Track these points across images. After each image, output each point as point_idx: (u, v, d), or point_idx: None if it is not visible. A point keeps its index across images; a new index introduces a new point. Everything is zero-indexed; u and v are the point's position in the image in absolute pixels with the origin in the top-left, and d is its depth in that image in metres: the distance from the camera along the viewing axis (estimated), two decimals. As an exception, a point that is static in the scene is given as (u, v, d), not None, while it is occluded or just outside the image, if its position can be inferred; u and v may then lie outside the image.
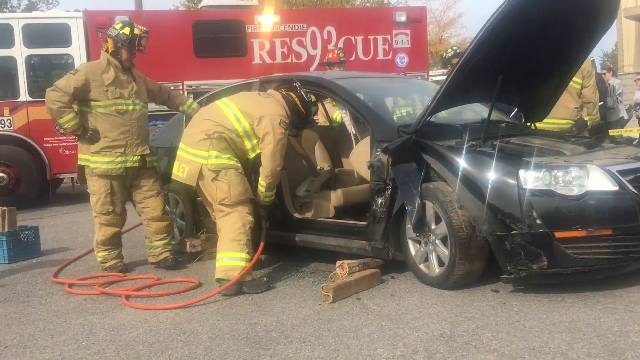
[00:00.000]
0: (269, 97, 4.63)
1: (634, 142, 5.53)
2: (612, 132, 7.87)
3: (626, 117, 11.96)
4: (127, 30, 4.87)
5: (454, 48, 8.47)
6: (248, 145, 4.43)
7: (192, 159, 4.38)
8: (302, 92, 4.65)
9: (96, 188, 4.94)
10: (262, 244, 4.53)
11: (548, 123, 5.60)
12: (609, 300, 3.53)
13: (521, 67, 4.45)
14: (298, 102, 4.62)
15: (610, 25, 4.73)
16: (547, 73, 4.71)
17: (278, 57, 10.69)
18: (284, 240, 4.96)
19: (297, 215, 4.98)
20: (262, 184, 4.46)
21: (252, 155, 4.46)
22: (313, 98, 4.79)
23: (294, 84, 4.72)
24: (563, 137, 4.81)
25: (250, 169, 4.58)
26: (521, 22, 3.93)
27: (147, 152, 5.06)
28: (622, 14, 15.11)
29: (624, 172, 3.72)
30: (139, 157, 4.99)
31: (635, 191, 3.64)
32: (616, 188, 3.62)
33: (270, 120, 4.36)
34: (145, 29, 5.01)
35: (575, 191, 3.60)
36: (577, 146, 4.36)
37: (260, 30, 10.62)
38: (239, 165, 4.38)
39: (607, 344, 2.92)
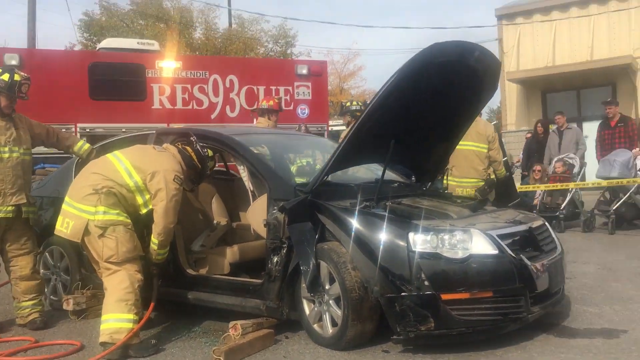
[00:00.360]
0: (164, 152, 4.54)
1: (510, 204, 6.01)
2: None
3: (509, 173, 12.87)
4: (6, 77, 4.67)
5: (359, 103, 8.55)
6: (140, 200, 4.30)
7: (78, 213, 4.18)
8: (198, 147, 4.61)
9: None
10: (152, 304, 4.37)
11: (462, 182, 6.73)
12: None
13: (413, 131, 4.68)
14: (194, 157, 4.57)
15: (492, 95, 5.11)
16: (436, 137, 4.99)
17: (179, 103, 10.57)
18: (176, 297, 4.80)
19: (190, 271, 4.85)
20: (154, 241, 4.32)
21: (144, 211, 4.32)
22: (210, 152, 4.75)
23: (191, 138, 4.67)
24: (451, 199, 5.07)
25: (142, 224, 4.43)
26: (412, 90, 4.15)
27: (24, 201, 4.77)
28: (505, 77, 16.36)
29: (503, 236, 3.96)
30: (14, 207, 4.71)
31: (513, 254, 3.88)
32: (496, 252, 3.84)
33: (164, 175, 4.26)
34: (26, 75, 4.83)
35: (460, 254, 3.78)
36: (463, 208, 4.60)
37: (161, 75, 10.48)
38: (129, 221, 4.22)
39: (488, 407, 3.04)
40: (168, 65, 10.56)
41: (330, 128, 14.24)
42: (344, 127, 16.45)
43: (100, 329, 4.01)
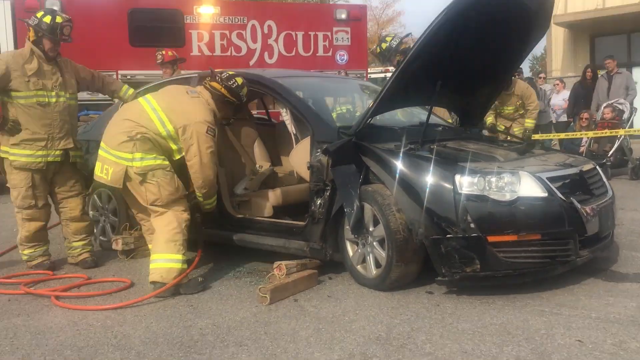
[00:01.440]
0: (196, 98, 4.40)
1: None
2: (536, 136, 8.50)
3: (554, 120, 12.54)
4: (48, 19, 4.63)
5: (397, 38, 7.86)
6: (173, 146, 4.26)
7: (116, 160, 4.19)
8: (226, 82, 4.43)
9: (17, 182, 4.71)
10: (199, 252, 4.43)
11: None
12: (537, 302, 3.66)
13: (459, 73, 4.55)
14: (226, 93, 4.44)
15: (543, 34, 4.92)
16: (482, 79, 4.85)
17: (217, 49, 10.54)
18: (220, 239, 4.88)
19: (234, 213, 4.91)
20: (198, 195, 4.34)
21: (177, 157, 4.29)
22: (239, 80, 4.52)
23: (215, 76, 4.50)
24: (496, 142, 4.96)
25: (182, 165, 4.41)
26: (459, 29, 4.01)
27: (71, 146, 4.84)
28: (552, 21, 15.73)
29: (553, 179, 3.87)
30: (62, 151, 4.79)
31: (563, 197, 3.79)
32: (545, 194, 3.75)
33: (195, 129, 4.17)
34: (68, 17, 4.77)
35: (508, 197, 3.71)
36: (510, 152, 4.50)
37: (199, 21, 10.43)
38: (167, 163, 4.23)
39: (535, 347, 3.03)
40: (206, 11, 10.48)
41: (368, 75, 14.04)
42: (383, 75, 16.06)
43: (150, 268, 4.12)
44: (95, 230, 5.50)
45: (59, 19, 4.66)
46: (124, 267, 4.91)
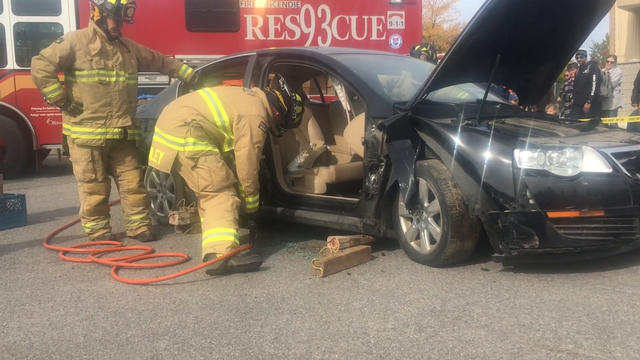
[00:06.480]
0: (252, 96, 4.50)
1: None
2: (605, 120, 8.15)
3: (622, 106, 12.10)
4: (113, 0, 4.78)
5: (424, 49, 8.49)
6: (226, 136, 4.30)
7: (168, 145, 4.23)
8: (286, 88, 4.57)
9: (78, 156, 4.91)
10: (249, 244, 4.40)
11: None
12: (598, 281, 3.56)
13: (518, 50, 4.44)
14: (281, 99, 4.55)
15: (608, 9, 4.73)
16: (543, 57, 4.71)
17: (271, 33, 10.60)
18: (274, 215, 4.93)
19: (288, 190, 4.95)
20: (241, 189, 4.33)
21: (226, 149, 4.33)
22: (298, 98, 4.65)
23: (279, 81, 4.65)
24: (557, 120, 4.82)
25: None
26: (519, 3, 3.91)
27: (129, 124, 4.99)
28: (616, 5, 15.10)
29: (618, 155, 3.73)
30: (120, 129, 4.95)
31: (629, 174, 3.66)
32: (610, 170, 3.63)
33: (249, 120, 4.24)
34: None
35: (569, 172, 3.61)
36: (572, 129, 4.36)
37: (253, 5, 10.52)
38: (217, 151, 4.26)
39: (597, 323, 2.94)
40: (261, -4, 10.55)
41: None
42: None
43: (202, 245, 4.09)
44: (153, 206, 5.64)
45: (123, 1, 4.78)
46: (181, 241, 5.03)
